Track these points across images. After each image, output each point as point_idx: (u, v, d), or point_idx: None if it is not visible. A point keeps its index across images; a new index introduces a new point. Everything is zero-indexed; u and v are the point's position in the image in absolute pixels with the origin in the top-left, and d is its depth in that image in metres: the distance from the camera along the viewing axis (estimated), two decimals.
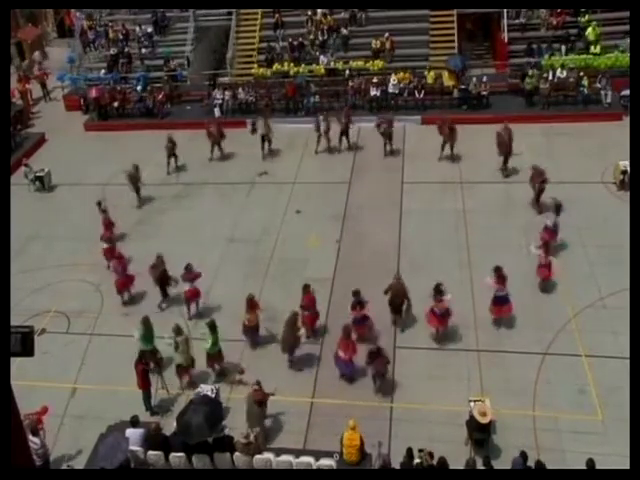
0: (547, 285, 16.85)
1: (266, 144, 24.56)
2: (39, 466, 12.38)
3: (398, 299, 15.73)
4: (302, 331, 15.10)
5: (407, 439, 12.58)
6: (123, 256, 18.32)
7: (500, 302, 15.66)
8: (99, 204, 20.15)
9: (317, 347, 15.71)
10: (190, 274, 16.70)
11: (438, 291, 15.15)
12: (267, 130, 24.35)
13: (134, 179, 21.86)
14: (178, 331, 14.68)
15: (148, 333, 14.98)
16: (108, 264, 18.61)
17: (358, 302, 15.33)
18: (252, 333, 15.79)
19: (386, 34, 28.63)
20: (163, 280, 17.08)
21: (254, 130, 24.90)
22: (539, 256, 16.65)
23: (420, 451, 11.92)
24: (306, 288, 15.74)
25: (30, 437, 12.38)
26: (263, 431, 13.11)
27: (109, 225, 19.72)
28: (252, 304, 15.49)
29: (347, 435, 12.10)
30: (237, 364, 15.26)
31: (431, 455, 11.80)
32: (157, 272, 17.01)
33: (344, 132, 24.14)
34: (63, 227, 21.43)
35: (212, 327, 14.79)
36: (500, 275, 15.42)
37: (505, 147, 21.51)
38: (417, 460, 11.86)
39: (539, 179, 19.49)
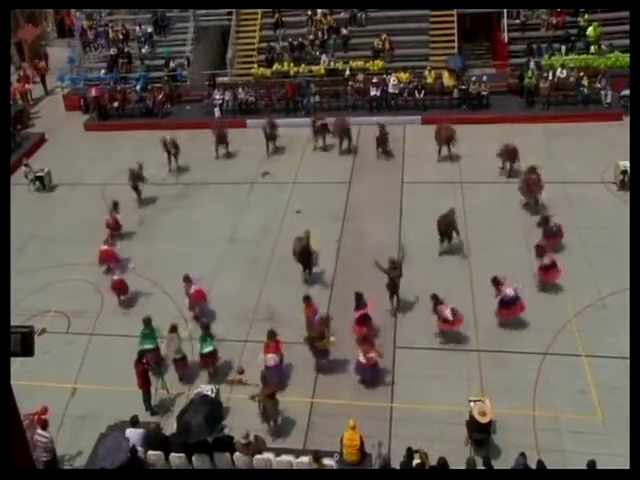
0: (547, 285, 16.86)
1: (270, 143, 24.66)
2: (47, 461, 12.57)
3: (449, 228, 18.21)
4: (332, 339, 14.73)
5: (407, 439, 12.55)
6: (119, 258, 18.45)
7: (508, 304, 15.53)
8: (115, 205, 20.16)
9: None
10: (189, 283, 16.68)
11: (435, 299, 15.20)
12: (271, 129, 24.43)
13: (136, 177, 21.84)
14: (172, 329, 14.88)
15: (150, 332, 15.00)
16: (108, 266, 18.57)
17: (359, 303, 15.34)
18: (275, 374, 14.75)
19: (383, 35, 28.65)
20: (304, 255, 17.55)
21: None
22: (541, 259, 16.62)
23: (416, 452, 11.91)
24: (307, 299, 15.63)
25: (39, 431, 12.56)
26: (278, 423, 13.35)
27: (117, 227, 19.75)
28: (275, 343, 14.56)
29: (347, 435, 12.11)
30: (237, 364, 15.27)
31: (426, 455, 11.79)
32: (299, 246, 17.48)
33: (345, 135, 24.16)
34: (63, 227, 21.40)
35: (205, 329, 14.86)
36: (498, 284, 15.41)
37: (512, 155, 21.42)
38: (417, 460, 11.85)
39: (537, 187, 19.43)
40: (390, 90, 26.55)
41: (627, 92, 22.19)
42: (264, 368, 14.47)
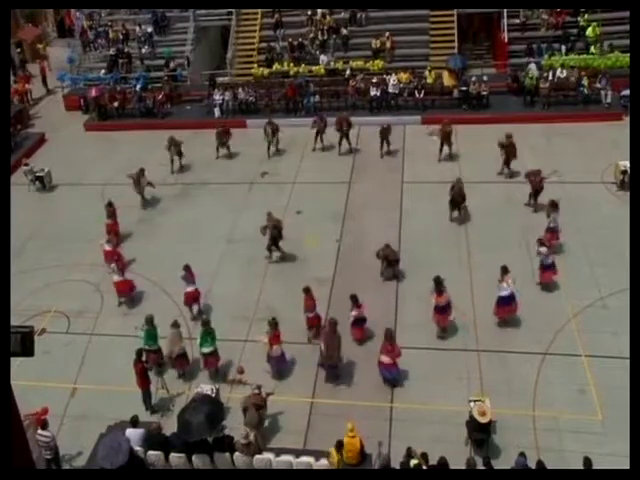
0: (547, 285, 16.86)
1: (272, 142, 24.68)
2: (51, 459, 12.67)
3: (459, 198, 19.24)
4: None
5: (407, 439, 12.56)
6: (122, 257, 18.39)
7: (504, 302, 15.57)
8: (110, 204, 20.14)
9: (317, 347, 15.64)
10: (190, 274, 16.69)
11: (438, 284, 15.18)
12: (273, 128, 24.45)
13: (137, 182, 21.81)
14: (174, 324, 14.94)
15: (153, 332, 15.00)
16: (110, 266, 18.54)
17: (356, 305, 15.34)
18: (278, 363, 14.95)
19: (386, 34, 28.68)
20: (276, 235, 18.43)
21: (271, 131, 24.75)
22: (543, 256, 16.61)
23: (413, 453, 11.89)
24: (307, 291, 15.70)
25: (40, 431, 12.61)
26: (261, 435, 13.05)
27: (115, 227, 19.76)
28: (276, 335, 14.66)
29: (347, 441, 12.01)
30: (237, 364, 15.26)
31: (424, 456, 11.78)
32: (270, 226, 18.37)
33: (344, 135, 24.15)
34: (63, 227, 21.39)
35: (205, 325, 14.88)
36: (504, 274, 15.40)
37: (512, 154, 21.43)
38: (415, 461, 11.83)
39: (537, 177, 19.51)
40: (390, 90, 26.54)
41: (627, 92, 22.17)
42: (269, 360, 14.65)
